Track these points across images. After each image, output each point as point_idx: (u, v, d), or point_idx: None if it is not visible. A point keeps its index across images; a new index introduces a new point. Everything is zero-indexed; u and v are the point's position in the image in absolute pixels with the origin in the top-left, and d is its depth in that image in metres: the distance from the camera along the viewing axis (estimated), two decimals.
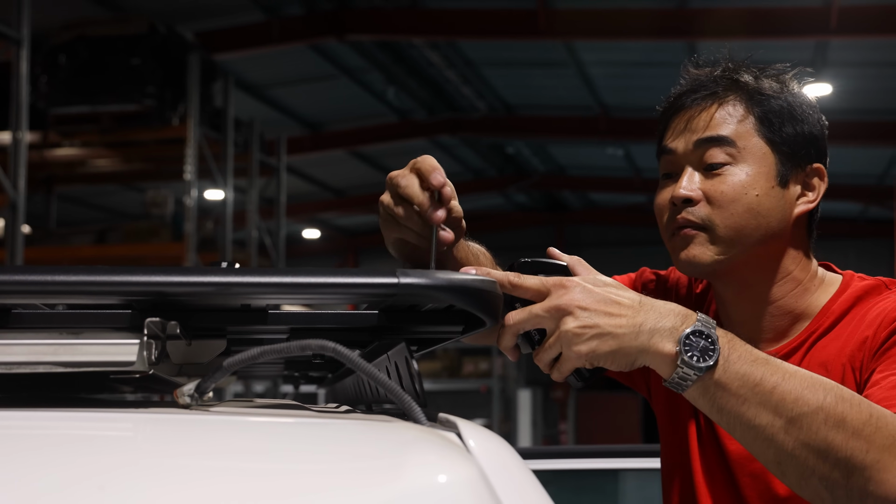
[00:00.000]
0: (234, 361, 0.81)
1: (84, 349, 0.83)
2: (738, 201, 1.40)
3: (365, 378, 1.20)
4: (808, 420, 1.07)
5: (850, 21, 8.51)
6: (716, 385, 1.10)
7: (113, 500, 0.54)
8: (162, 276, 0.83)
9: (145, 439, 0.72)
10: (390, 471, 0.61)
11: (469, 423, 0.81)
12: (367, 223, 18.51)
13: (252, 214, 9.43)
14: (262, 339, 1.09)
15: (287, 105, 11.98)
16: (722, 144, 1.42)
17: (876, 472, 1.05)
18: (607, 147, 13.50)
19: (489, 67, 11.32)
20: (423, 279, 0.88)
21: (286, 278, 0.85)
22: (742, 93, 1.45)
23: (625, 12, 9.10)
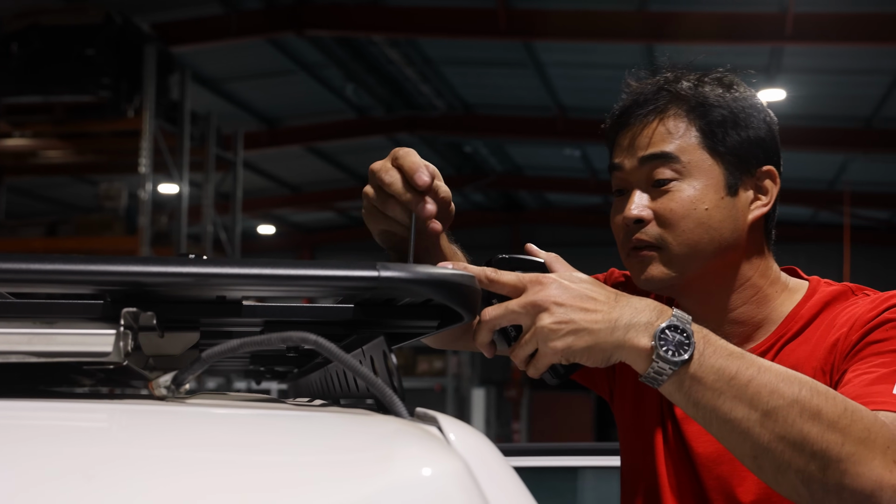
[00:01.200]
0: (212, 353, 0.80)
1: (59, 339, 0.81)
2: (689, 217, 1.40)
3: (347, 371, 1.20)
4: (784, 413, 1.08)
5: (805, 28, 8.63)
6: (691, 379, 1.11)
7: (103, 492, 0.54)
8: (140, 265, 0.82)
9: (131, 431, 0.71)
10: (378, 463, 0.61)
11: (448, 418, 0.81)
12: (323, 220, 18.45)
13: (208, 209, 9.35)
14: (234, 333, 1.08)
15: (244, 99, 11.90)
16: (667, 161, 1.42)
17: (851, 464, 1.06)
18: (564, 148, 13.57)
19: (448, 66, 11.33)
20: (404, 273, 0.88)
21: (265, 270, 0.84)
22: (683, 105, 1.45)
23: (585, 14, 9.15)
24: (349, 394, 1.22)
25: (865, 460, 1.06)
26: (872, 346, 1.29)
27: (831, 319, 1.39)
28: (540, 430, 17.32)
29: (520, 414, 17.08)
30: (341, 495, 0.56)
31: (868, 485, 1.06)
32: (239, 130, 10.37)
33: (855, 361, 1.29)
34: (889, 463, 1.07)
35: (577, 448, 2.69)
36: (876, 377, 1.22)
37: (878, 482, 1.06)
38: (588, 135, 12.62)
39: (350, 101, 12.19)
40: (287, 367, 1.65)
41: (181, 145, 8.99)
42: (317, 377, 1.60)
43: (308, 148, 13.68)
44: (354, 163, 14.90)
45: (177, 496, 0.54)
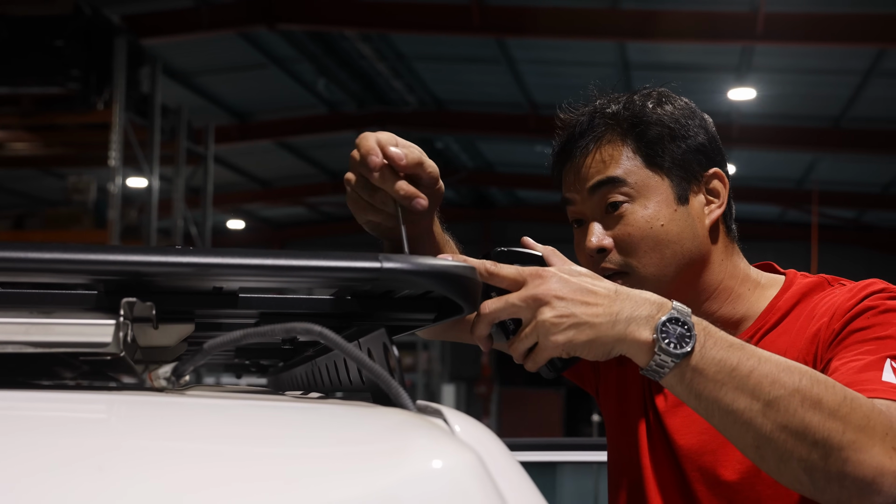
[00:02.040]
0: (215, 344, 0.79)
1: (57, 329, 0.80)
2: (647, 238, 1.41)
3: (338, 364, 1.18)
4: (786, 402, 1.08)
5: (776, 28, 8.71)
6: (693, 371, 1.11)
7: (114, 482, 0.52)
8: (139, 255, 0.81)
9: (143, 422, 0.69)
10: (395, 454, 0.60)
11: (451, 410, 0.81)
12: (293, 215, 18.37)
13: (178, 203, 9.28)
14: (228, 325, 1.06)
15: (215, 93, 11.82)
16: (614, 185, 1.43)
17: (853, 451, 1.06)
18: (536, 145, 13.59)
19: (421, 61, 11.32)
20: (407, 264, 0.87)
21: (268, 260, 0.83)
22: (618, 128, 1.45)
23: (558, 11, 9.17)
24: (340, 387, 1.21)
25: (866, 447, 1.07)
26: (856, 335, 1.29)
27: (810, 310, 1.40)
28: (510, 425, 17.36)
29: (490, 410, 17.12)
30: (361, 486, 0.55)
31: (869, 472, 1.06)
32: (210, 124, 10.30)
33: (840, 350, 1.30)
34: (889, 450, 1.08)
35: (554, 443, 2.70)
36: (863, 364, 1.23)
37: (878, 469, 1.07)
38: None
39: (321, 96, 12.15)
40: (272, 361, 1.63)
41: (152, 139, 8.90)
42: (301, 371, 1.59)
43: (279, 143, 13.62)
44: (325, 158, 14.85)
45: (195, 487, 0.53)
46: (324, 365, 1.32)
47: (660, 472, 1.49)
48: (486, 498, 0.60)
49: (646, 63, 10.34)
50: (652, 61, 10.26)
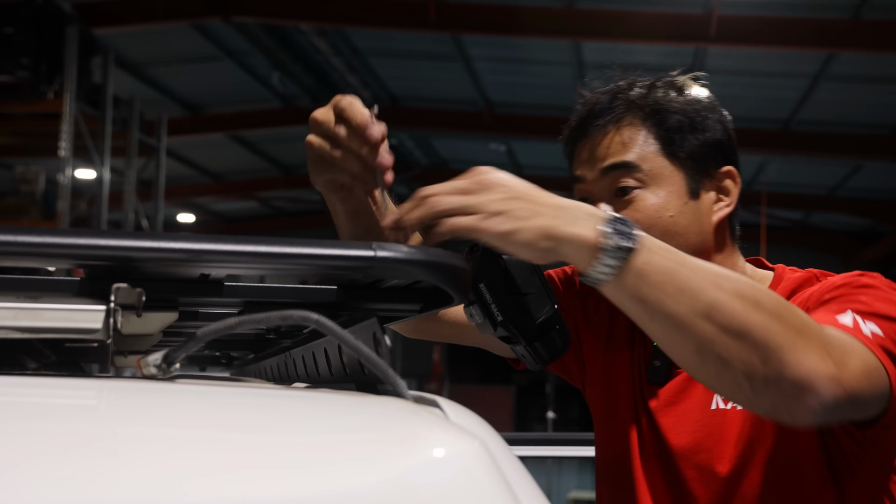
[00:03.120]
0: (208, 331, 0.78)
1: (47, 315, 0.78)
2: (654, 226, 1.40)
3: (316, 356, 1.18)
4: (728, 305, 1.07)
5: (729, 30, 8.81)
6: (637, 273, 1.07)
7: (125, 465, 0.52)
8: (130, 240, 0.79)
9: (144, 409, 0.68)
10: (403, 442, 0.60)
11: (444, 400, 0.81)
12: (245, 209, 18.22)
13: (130, 195, 9.16)
14: (211, 314, 1.05)
15: (167, 85, 11.68)
16: (628, 170, 1.43)
17: (790, 352, 1.06)
18: (490, 142, 13.62)
19: (376, 57, 11.28)
20: (400, 253, 0.87)
21: (260, 247, 0.82)
22: (639, 112, 1.45)
23: (514, 9, 9.19)
24: (318, 378, 1.20)
25: (802, 349, 1.07)
26: (827, 303, 1.30)
27: (800, 305, 1.41)
28: None
29: None
30: (374, 474, 0.55)
31: (805, 373, 1.06)
32: (163, 116, 10.19)
33: None
34: (824, 355, 1.08)
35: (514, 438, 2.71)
36: (824, 312, 1.26)
37: (814, 370, 1.07)
38: (514, 129, 12.70)
39: (276, 90, 12.06)
40: (242, 353, 1.62)
41: (103, 129, 8.78)
42: (273, 363, 1.57)
43: (231, 136, 13.50)
44: (278, 152, 14.75)
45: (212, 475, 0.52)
46: (300, 356, 1.31)
47: (651, 472, 1.48)
48: (495, 485, 0.60)
49: (601, 63, 10.34)
50: (607, 61, 10.26)
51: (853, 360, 1.12)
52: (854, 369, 1.11)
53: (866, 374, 1.13)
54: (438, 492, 0.56)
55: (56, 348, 1.12)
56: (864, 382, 1.12)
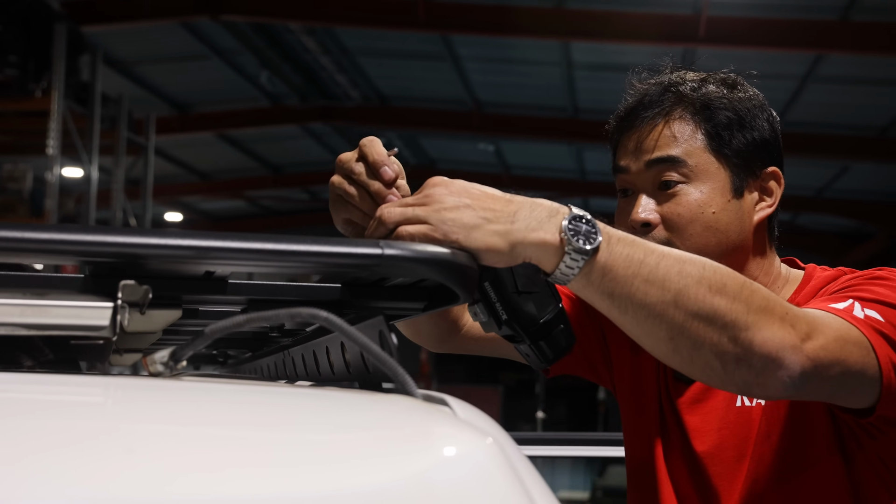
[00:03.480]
0: (216, 328, 0.77)
1: (54, 311, 0.78)
2: (696, 221, 1.41)
3: (317, 354, 1.17)
4: (694, 290, 1.08)
5: (718, 31, 8.83)
6: (603, 269, 1.07)
7: (144, 463, 0.51)
8: (139, 237, 0.79)
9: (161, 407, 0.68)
10: (418, 439, 0.60)
11: (453, 398, 0.80)
12: (232, 208, 18.18)
13: (118, 194, 9.12)
14: (217, 312, 1.05)
15: (156, 83, 11.65)
16: (673, 164, 1.42)
17: (757, 330, 1.09)
18: (479, 142, 13.63)
19: (365, 56, 11.27)
20: (408, 251, 0.86)
21: (269, 245, 0.82)
22: (689, 107, 1.44)
23: (504, 9, 9.20)
24: (318, 377, 1.20)
25: (767, 325, 1.10)
26: (834, 294, 1.31)
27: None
28: None
29: None
30: (392, 471, 0.55)
31: (772, 347, 1.09)
32: (151, 115, 10.15)
33: None
34: (787, 326, 1.11)
35: None
36: (823, 300, 1.28)
37: (780, 343, 1.10)
38: (503, 130, 12.71)
39: (264, 89, 12.04)
40: (239, 351, 1.61)
41: (91, 128, 8.75)
42: (269, 362, 1.57)
43: (219, 135, 13.48)
44: (266, 151, 14.73)
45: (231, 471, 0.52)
46: (299, 355, 1.30)
47: (676, 470, 1.49)
48: (510, 481, 0.60)
49: (590, 63, 10.42)
50: (596, 62, 10.34)
51: (822, 331, 1.15)
52: (820, 339, 1.14)
53: (837, 344, 1.16)
54: (456, 489, 0.56)
55: (54, 346, 1.11)
56: (831, 352, 1.14)
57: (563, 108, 11.97)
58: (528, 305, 1.10)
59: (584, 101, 11.68)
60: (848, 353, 1.17)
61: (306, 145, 14.49)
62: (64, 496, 0.49)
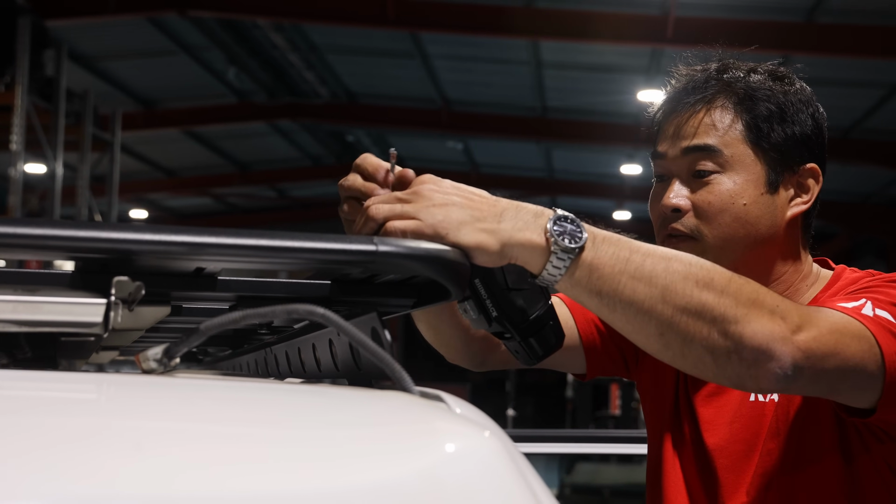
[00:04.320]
0: (212, 325, 0.77)
1: (46, 308, 0.77)
2: (726, 211, 1.40)
3: (302, 351, 1.17)
4: (682, 286, 1.08)
5: (685, 31, 8.89)
6: (589, 268, 1.07)
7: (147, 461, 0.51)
8: (131, 233, 0.78)
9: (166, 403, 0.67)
10: (422, 435, 0.60)
11: (448, 395, 0.80)
12: (199, 206, 18.06)
13: (83, 190, 9.03)
14: (205, 309, 1.04)
15: (121, 79, 11.55)
16: (709, 153, 1.41)
17: (746, 323, 1.09)
18: (447, 140, 13.64)
19: (334, 53, 11.24)
20: (401, 248, 0.86)
21: (263, 241, 0.81)
22: (731, 96, 1.43)
23: (473, 7, 9.21)
24: (304, 374, 1.20)
25: (756, 317, 1.09)
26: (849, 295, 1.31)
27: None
28: None
29: None
30: (399, 467, 0.55)
31: (763, 339, 1.09)
32: (117, 110, 10.06)
33: None
34: (777, 319, 1.11)
35: None
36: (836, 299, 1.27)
37: (770, 335, 1.09)
38: (472, 128, 12.73)
39: (231, 86, 11.96)
40: (222, 349, 1.60)
41: (55, 123, 8.65)
42: (249, 360, 1.56)
43: (186, 131, 13.38)
44: (233, 148, 14.64)
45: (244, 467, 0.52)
46: (283, 352, 1.30)
47: (686, 462, 1.50)
48: (512, 475, 0.60)
49: (558, 62, 10.46)
50: (565, 61, 10.38)
51: (815, 324, 1.14)
52: (812, 331, 1.13)
53: (832, 336, 1.15)
54: (463, 483, 0.56)
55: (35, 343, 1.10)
56: (825, 344, 1.14)
57: (532, 106, 12.00)
58: (518, 302, 1.10)
59: (552, 100, 11.72)
60: (844, 346, 1.16)
61: (274, 142, 14.43)
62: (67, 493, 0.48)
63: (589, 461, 10.09)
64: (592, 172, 15.06)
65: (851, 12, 8.55)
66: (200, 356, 1.69)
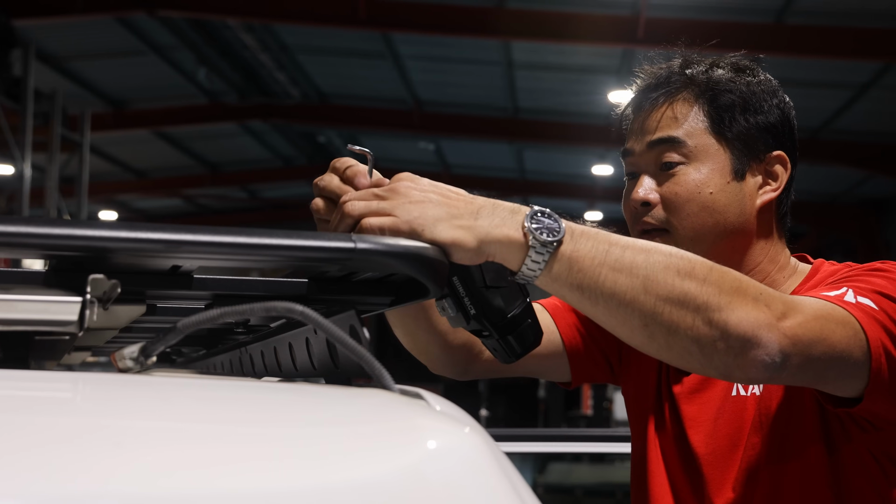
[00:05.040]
0: (189, 322, 0.76)
1: (20, 306, 0.76)
2: (693, 201, 1.41)
3: (278, 350, 1.16)
4: (663, 275, 1.08)
5: (656, 32, 8.93)
6: (569, 261, 1.07)
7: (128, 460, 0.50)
8: (106, 230, 0.77)
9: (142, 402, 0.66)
10: (405, 433, 0.59)
11: (427, 392, 0.80)
12: (169, 207, 17.94)
13: (52, 192, 8.95)
14: (178, 308, 1.03)
15: (90, 79, 11.44)
16: (673, 145, 1.43)
17: (730, 311, 1.08)
18: (419, 141, 13.63)
19: (305, 54, 11.21)
20: (380, 245, 0.86)
21: (241, 238, 0.80)
22: (693, 88, 1.45)
23: (444, 8, 9.22)
24: (280, 373, 1.19)
25: (740, 305, 1.09)
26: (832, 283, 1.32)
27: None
28: None
29: None
30: (384, 464, 0.54)
31: (748, 326, 1.08)
32: (86, 111, 9.98)
33: None
34: (761, 306, 1.10)
35: None
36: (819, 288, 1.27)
37: (755, 322, 1.08)
38: (443, 129, 12.73)
39: (202, 86, 11.90)
40: (193, 349, 1.59)
41: (23, 124, 8.57)
42: (223, 360, 1.55)
43: (156, 132, 13.29)
44: (204, 149, 14.56)
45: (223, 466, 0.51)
46: (258, 351, 1.29)
47: (671, 464, 1.50)
48: (494, 472, 0.60)
49: (530, 63, 10.49)
50: (536, 61, 10.41)
51: (800, 310, 1.14)
52: (798, 317, 1.13)
53: (817, 322, 1.14)
54: (447, 479, 0.56)
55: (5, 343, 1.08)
56: (810, 330, 1.13)
57: (504, 107, 12.02)
58: (497, 300, 1.09)
59: (524, 101, 11.74)
60: (830, 332, 1.15)
61: (245, 143, 14.36)
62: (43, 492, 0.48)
63: (561, 461, 10.12)
64: (564, 173, 15.11)
65: (820, 14, 8.63)
66: (175, 357, 1.68)
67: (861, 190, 14.15)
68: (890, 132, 11.62)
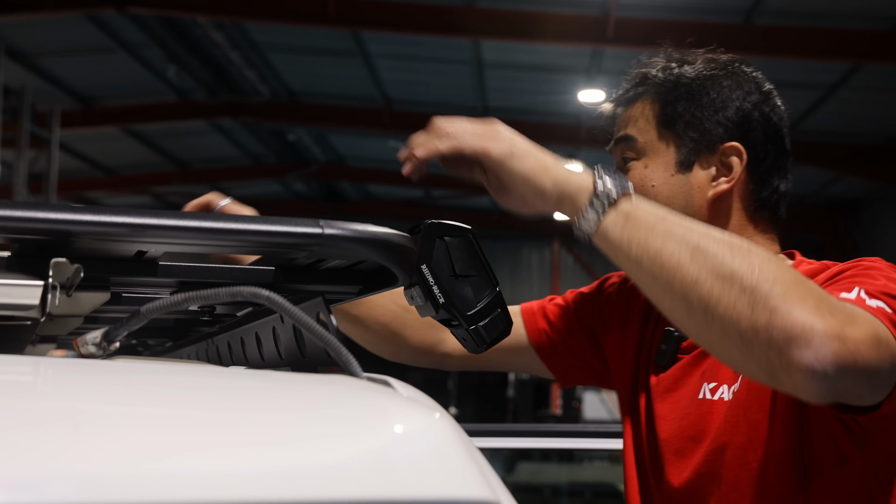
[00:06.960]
0: (153, 307, 0.75)
1: None
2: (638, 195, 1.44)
3: (245, 341, 1.15)
4: (715, 248, 1.07)
5: (625, 32, 8.97)
6: (626, 215, 1.14)
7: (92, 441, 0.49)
8: (69, 213, 0.76)
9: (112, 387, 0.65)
10: (373, 417, 0.59)
11: (394, 379, 0.80)
12: (138, 204, 17.79)
13: (20, 188, 8.86)
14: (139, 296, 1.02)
15: (59, 76, 11.32)
16: (628, 142, 1.49)
17: (782, 301, 1.01)
18: (389, 140, 13.60)
19: (275, 52, 11.15)
20: (348, 231, 0.85)
21: (208, 223, 0.79)
22: (650, 87, 1.50)
23: (414, 6, 9.20)
24: (246, 364, 1.18)
25: (796, 301, 1.01)
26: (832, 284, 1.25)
27: None
28: None
29: None
30: (351, 448, 0.54)
31: (798, 323, 0.99)
32: (55, 108, 9.88)
33: None
34: (822, 310, 1.01)
35: None
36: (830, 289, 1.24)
37: (809, 324, 1.00)
38: (413, 128, 12.60)
39: (171, 84, 11.81)
40: (161, 340, 1.57)
41: None
42: (191, 351, 1.53)
43: (125, 129, 13.18)
44: (173, 146, 14.46)
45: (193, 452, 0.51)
46: (225, 342, 1.28)
47: (640, 457, 1.51)
48: (461, 455, 0.60)
49: (500, 62, 10.49)
50: (506, 61, 10.42)
51: (860, 324, 1.04)
52: (861, 332, 1.03)
53: (876, 341, 1.05)
54: (414, 463, 0.55)
55: None
56: (873, 349, 1.03)
57: (474, 106, 12.02)
58: (466, 289, 1.09)
59: (494, 100, 11.75)
60: (882, 351, 1.05)
61: (214, 141, 14.27)
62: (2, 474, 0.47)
63: (530, 460, 10.14)
64: None
65: (789, 14, 8.70)
66: (140, 348, 1.66)
67: (830, 190, 14.27)
68: (859, 133, 11.73)
